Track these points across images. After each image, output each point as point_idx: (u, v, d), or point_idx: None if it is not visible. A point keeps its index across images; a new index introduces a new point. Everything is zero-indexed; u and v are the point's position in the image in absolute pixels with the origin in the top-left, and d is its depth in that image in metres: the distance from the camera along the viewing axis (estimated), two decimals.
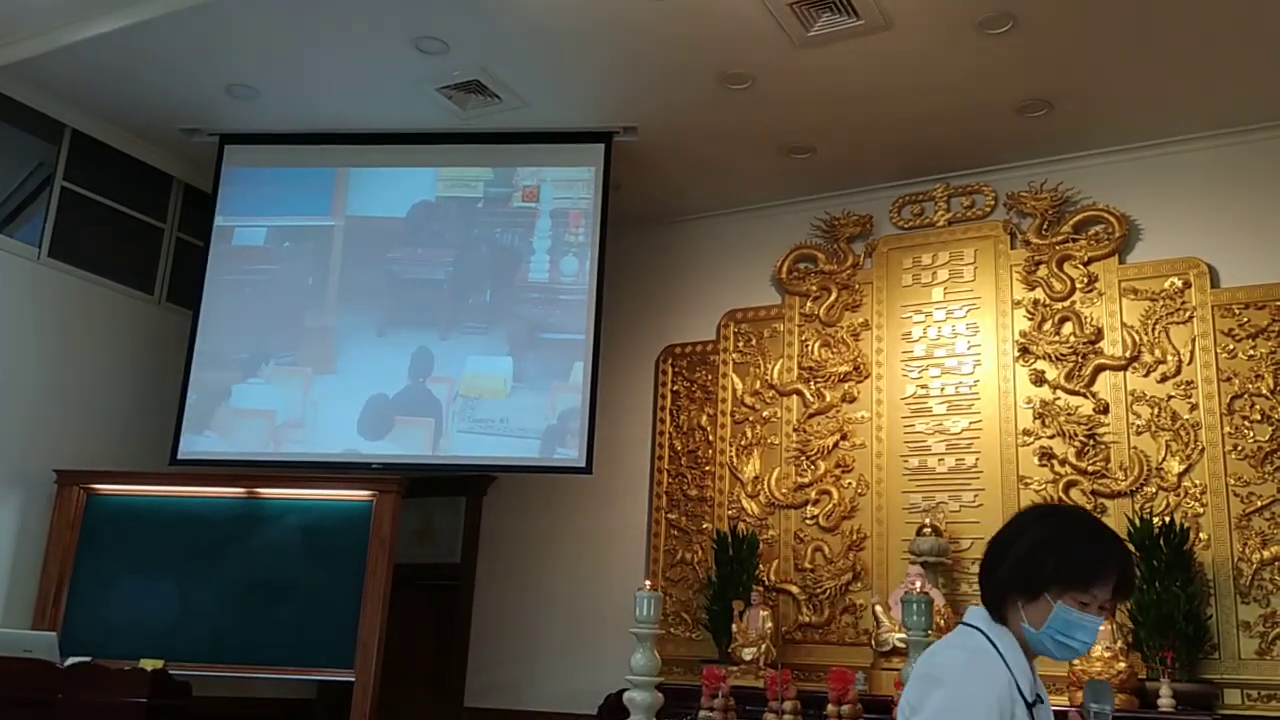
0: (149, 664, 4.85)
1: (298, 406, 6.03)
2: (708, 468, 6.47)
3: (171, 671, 4.89)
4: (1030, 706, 1.89)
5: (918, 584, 4.96)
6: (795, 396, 6.30)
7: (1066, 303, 5.75)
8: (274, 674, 5.56)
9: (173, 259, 6.68)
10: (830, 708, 4.53)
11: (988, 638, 1.93)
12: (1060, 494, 5.48)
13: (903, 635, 4.69)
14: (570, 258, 6.07)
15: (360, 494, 5.68)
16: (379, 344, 6.06)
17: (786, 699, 4.58)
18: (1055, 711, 2.06)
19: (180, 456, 5.96)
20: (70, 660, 4.84)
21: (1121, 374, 5.55)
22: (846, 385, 6.16)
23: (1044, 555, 1.93)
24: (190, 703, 4.95)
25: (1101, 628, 1.96)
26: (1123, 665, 4.90)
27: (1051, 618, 1.89)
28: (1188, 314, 5.49)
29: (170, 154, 6.56)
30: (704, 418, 6.56)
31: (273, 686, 6.30)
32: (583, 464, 5.77)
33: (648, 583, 4.91)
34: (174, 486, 5.84)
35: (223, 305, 6.20)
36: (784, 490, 6.19)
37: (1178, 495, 5.30)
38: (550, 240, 6.12)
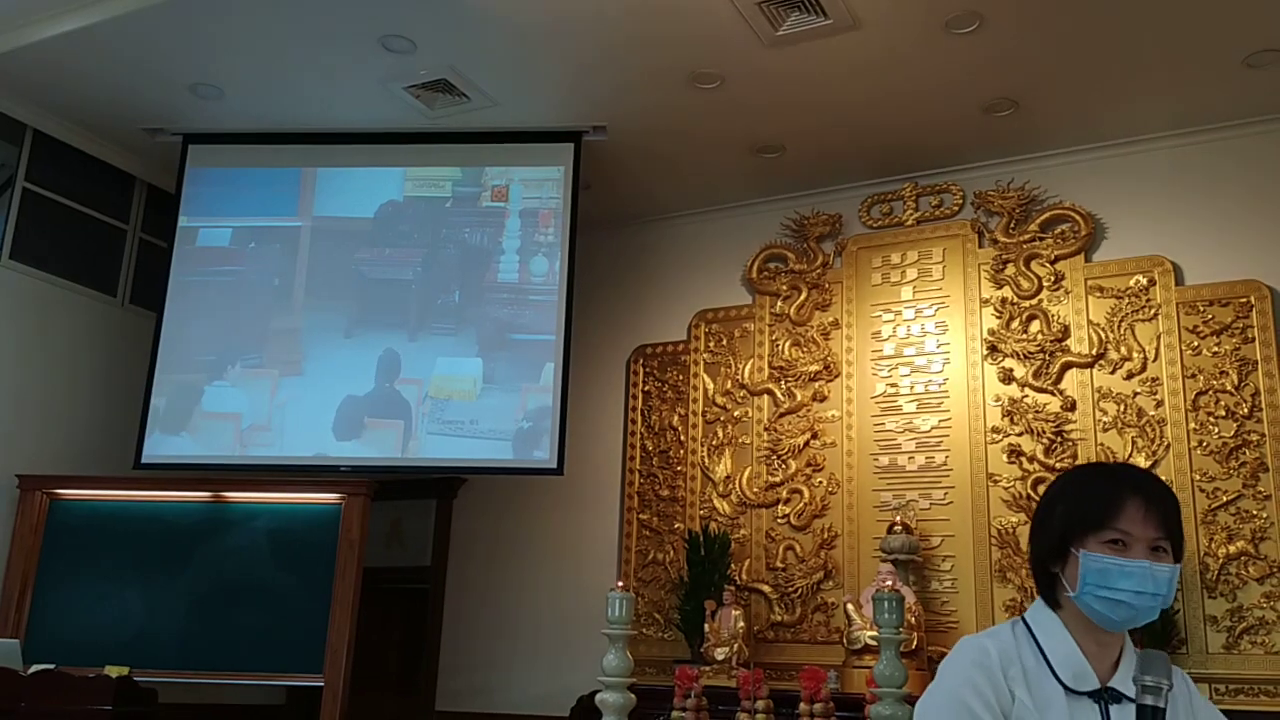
0: (114, 671, 4.79)
1: (264, 409, 5.97)
2: (679, 468, 6.46)
3: (137, 678, 4.83)
4: (1095, 698, 1.67)
5: (889, 582, 4.98)
6: (766, 396, 6.31)
7: (1034, 301, 5.79)
8: (242, 680, 5.51)
9: (136, 260, 6.60)
10: (802, 706, 4.53)
11: (1026, 624, 1.76)
12: (1029, 491, 5.52)
13: (874, 633, 4.69)
14: (540, 258, 6.04)
15: (328, 497, 5.63)
16: (346, 345, 6.01)
17: (759, 698, 4.58)
18: None
19: (145, 460, 5.89)
20: (34, 668, 4.76)
21: (1088, 371, 5.60)
22: (817, 384, 6.18)
23: (1055, 506, 1.75)
24: (156, 710, 4.89)
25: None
26: None
27: (1082, 572, 1.66)
28: (1153, 311, 5.55)
29: (133, 154, 6.48)
30: (675, 418, 6.55)
31: (240, 692, 6.23)
32: (554, 465, 5.74)
33: (620, 583, 4.90)
34: (139, 491, 5.76)
35: (187, 307, 6.13)
36: (755, 489, 6.19)
37: None
38: (520, 240, 6.09)
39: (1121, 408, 5.48)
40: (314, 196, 6.27)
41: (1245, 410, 5.25)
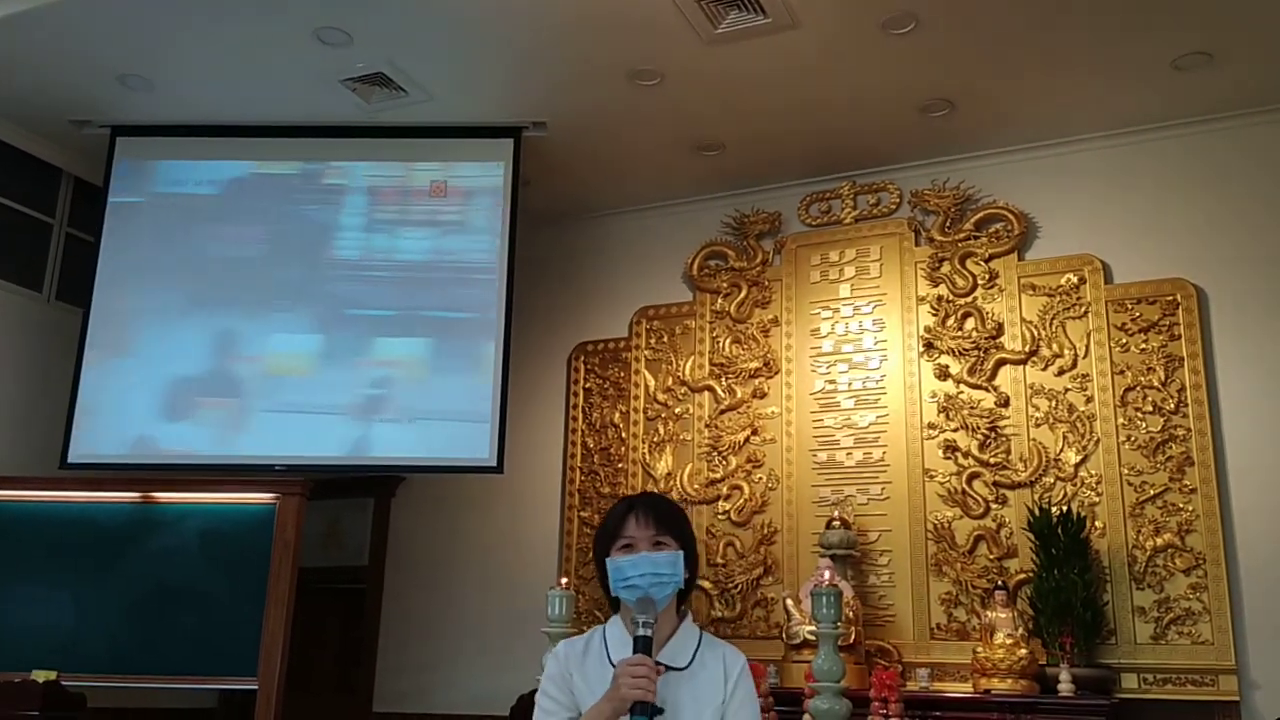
0: (41, 675, 4.67)
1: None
2: (620, 465, 6.46)
3: (65, 683, 4.71)
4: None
5: (827, 576, 5.01)
6: (707, 393, 6.33)
7: (969, 299, 5.88)
8: (173, 683, 5.38)
9: (63, 255, 6.44)
10: None
11: (603, 625, 2.27)
12: (964, 486, 5.60)
13: (813, 628, 4.73)
14: (481, 253, 5.99)
15: (263, 496, 5.52)
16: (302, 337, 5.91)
17: None
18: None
19: (71, 460, 5.74)
20: None
21: (1021, 368, 5.70)
22: (757, 381, 6.21)
23: (598, 536, 2.25)
24: (84, 715, 4.78)
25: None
26: (1023, 652, 5.03)
27: (610, 575, 2.13)
28: (1083, 309, 5.66)
29: (59, 146, 6.31)
30: (616, 415, 6.55)
31: (172, 696, 6.10)
32: (494, 463, 5.70)
33: (561, 581, 4.89)
34: (66, 491, 5.60)
35: (113, 300, 5.98)
36: (696, 486, 6.21)
37: (1075, 485, 5.45)
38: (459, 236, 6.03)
39: (1053, 403, 5.58)
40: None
41: (1172, 405, 5.38)
